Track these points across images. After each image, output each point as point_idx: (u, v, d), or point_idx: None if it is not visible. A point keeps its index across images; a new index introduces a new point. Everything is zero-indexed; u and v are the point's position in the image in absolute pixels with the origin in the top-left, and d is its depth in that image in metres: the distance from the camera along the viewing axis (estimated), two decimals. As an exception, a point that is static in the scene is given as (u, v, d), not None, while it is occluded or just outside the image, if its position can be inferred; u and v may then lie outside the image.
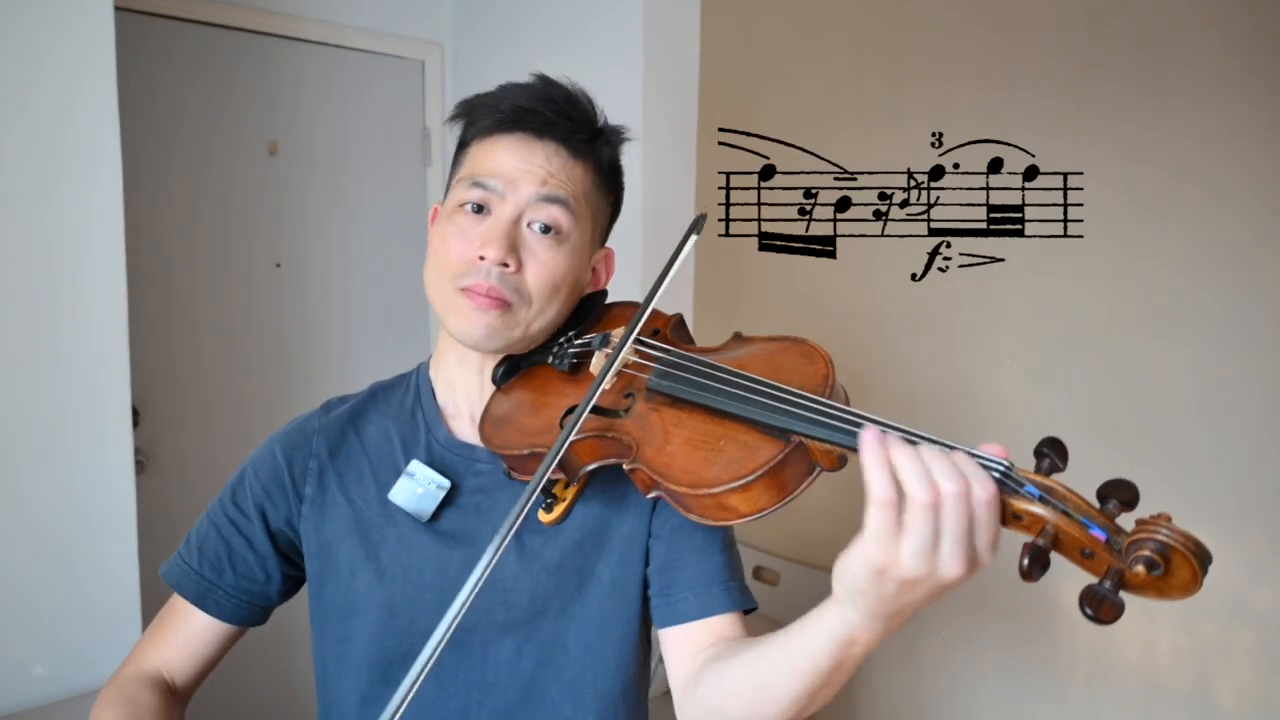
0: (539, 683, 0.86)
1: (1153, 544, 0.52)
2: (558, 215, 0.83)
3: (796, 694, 0.67)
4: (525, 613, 0.85)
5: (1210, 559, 0.52)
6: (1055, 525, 0.55)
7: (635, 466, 0.70)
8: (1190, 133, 1.98)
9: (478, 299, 0.81)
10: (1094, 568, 0.55)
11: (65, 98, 1.63)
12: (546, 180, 0.83)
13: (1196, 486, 1.99)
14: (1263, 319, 1.90)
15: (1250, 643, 1.92)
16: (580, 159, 0.86)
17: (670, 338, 0.85)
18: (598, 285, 0.92)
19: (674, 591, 0.84)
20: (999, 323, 2.33)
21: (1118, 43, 2.08)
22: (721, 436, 0.68)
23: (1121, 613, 0.52)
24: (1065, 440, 0.60)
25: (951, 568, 0.55)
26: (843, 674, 0.66)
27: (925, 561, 0.55)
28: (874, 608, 0.59)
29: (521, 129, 0.83)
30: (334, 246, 2.59)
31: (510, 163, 0.83)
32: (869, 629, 0.61)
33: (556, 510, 0.79)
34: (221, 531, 0.90)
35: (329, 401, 0.96)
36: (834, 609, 0.62)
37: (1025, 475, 0.57)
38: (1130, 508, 0.56)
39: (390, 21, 2.60)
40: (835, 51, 2.66)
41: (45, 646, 1.66)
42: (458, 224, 0.84)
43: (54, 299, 1.65)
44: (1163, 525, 0.53)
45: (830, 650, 0.63)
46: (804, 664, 0.65)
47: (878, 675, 2.60)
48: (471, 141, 0.87)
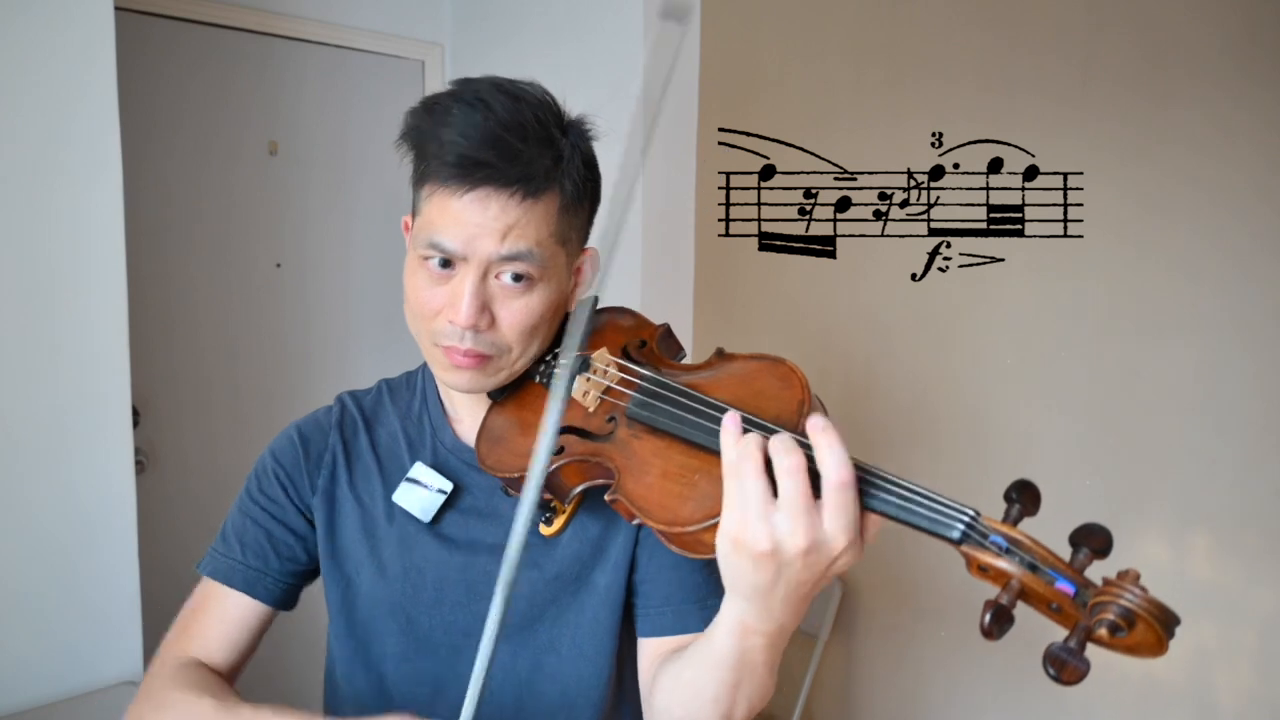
0: (533, 687, 0.87)
1: (1116, 608, 0.51)
2: (524, 267, 0.78)
3: (717, 688, 0.70)
4: (522, 618, 0.86)
5: (1176, 622, 0.51)
6: (1020, 580, 0.54)
7: (616, 498, 0.70)
8: (1190, 133, 1.98)
9: (456, 358, 0.80)
10: (1062, 621, 0.54)
11: (65, 98, 1.64)
12: (505, 235, 0.76)
13: (1195, 486, 1.99)
14: (1263, 319, 1.90)
15: (1250, 643, 1.92)
16: (543, 194, 0.78)
17: (656, 351, 0.84)
18: (581, 285, 0.91)
19: (651, 604, 0.86)
20: (999, 323, 2.33)
21: (1118, 43, 2.08)
22: (696, 470, 0.67)
23: (1085, 674, 0.51)
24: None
25: (795, 540, 0.56)
26: (752, 666, 0.68)
27: (767, 532, 0.57)
28: (747, 589, 0.61)
29: (474, 184, 0.76)
30: (334, 246, 2.59)
31: (464, 221, 0.76)
32: (755, 614, 0.63)
33: (557, 523, 0.79)
34: (258, 520, 0.90)
35: (341, 397, 0.97)
36: (726, 600, 0.65)
37: (991, 525, 0.56)
38: (1103, 556, 0.55)
39: (390, 21, 2.61)
40: (835, 51, 2.66)
41: (45, 646, 1.66)
42: (425, 277, 0.80)
43: (54, 299, 1.65)
44: (1127, 589, 0.52)
45: (731, 641, 0.66)
46: (714, 658, 0.68)
47: (877, 675, 2.60)
48: (423, 182, 0.81)
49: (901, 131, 2.48)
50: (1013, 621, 0.54)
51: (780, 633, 0.65)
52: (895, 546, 2.46)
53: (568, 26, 2.25)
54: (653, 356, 0.83)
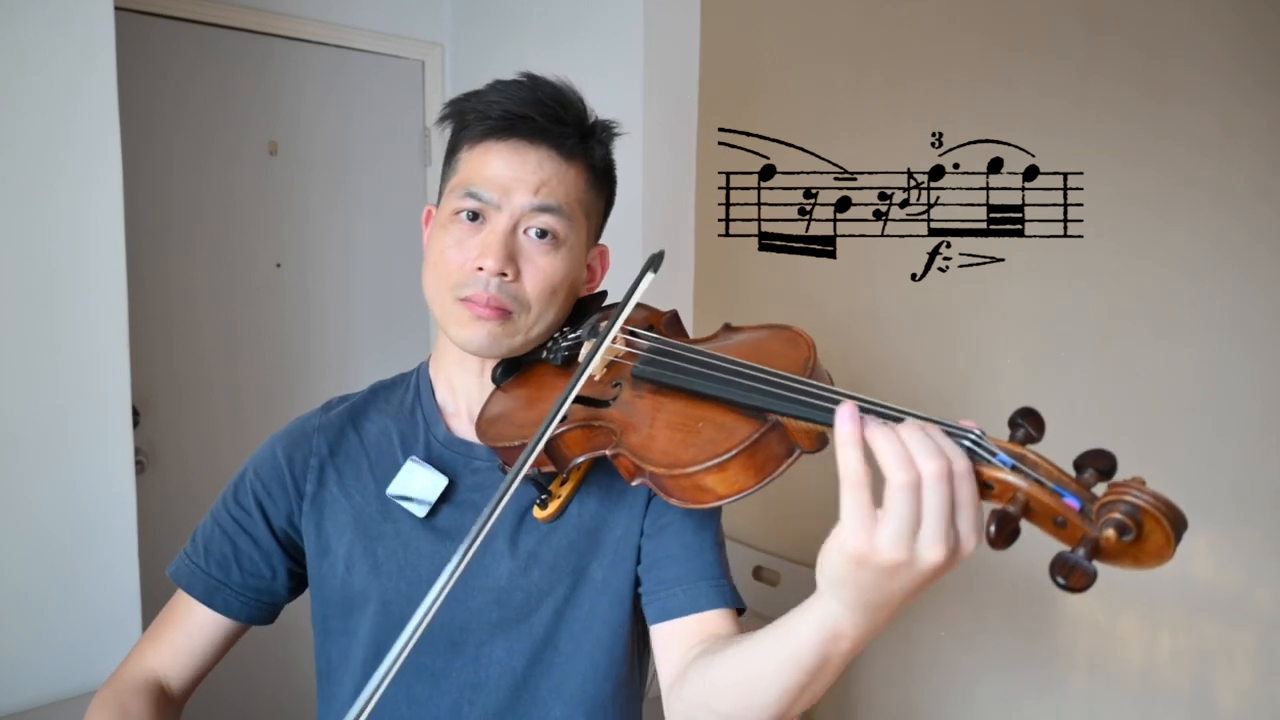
0: (530, 682, 0.86)
1: (1123, 506, 0.50)
2: (553, 222, 0.83)
3: (783, 689, 0.65)
4: (518, 612, 0.86)
5: (1185, 524, 0.50)
6: (1026, 493, 0.53)
7: (618, 452, 0.70)
8: (1191, 133, 1.98)
9: (478, 309, 0.82)
10: (1067, 536, 0.53)
11: (65, 98, 1.63)
12: (540, 188, 0.82)
13: (1196, 486, 1.99)
14: (1263, 319, 1.90)
15: (1250, 643, 1.92)
16: (573, 162, 0.85)
17: (665, 332, 0.86)
18: (593, 282, 0.92)
19: (663, 587, 0.84)
20: (999, 322, 2.33)
21: (1118, 43, 2.08)
22: (701, 419, 0.67)
23: (1092, 580, 0.50)
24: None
25: (933, 553, 0.52)
26: (830, 670, 0.64)
27: (905, 547, 0.52)
28: (855, 598, 0.57)
29: (513, 136, 0.83)
30: (334, 246, 2.59)
31: (503, 171, 0.82)
32: (853, 622, 0.59)
33: (552, 507, 0.79)
34: (226, 530, 0.90)
35: (329, 401, 0.97)
36: (818, 602, 0.61)
37: (998, 444, 0.56)
38: (1107, 477, 0.54)
39: (390, 21, 2.60)
40: (835, 51, 2.66)
41: (45, 646, 1.66)
42: (454, 233, 0.84)
43: (54, 299, 1.65)
44: (1134, 488, 0.51)
45: (816, 645, 0.61)
46: (790, 659, 0.64)
47: (876, 674, 2.60)
48: (462, 147, 0.86)
49: (901, 131, 2.48)
50: (1017, 534, 0.52)
51: (871, 635, 0.61)
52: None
53: (568, 26, 2.25)
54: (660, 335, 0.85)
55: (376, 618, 0.87)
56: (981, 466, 0.54)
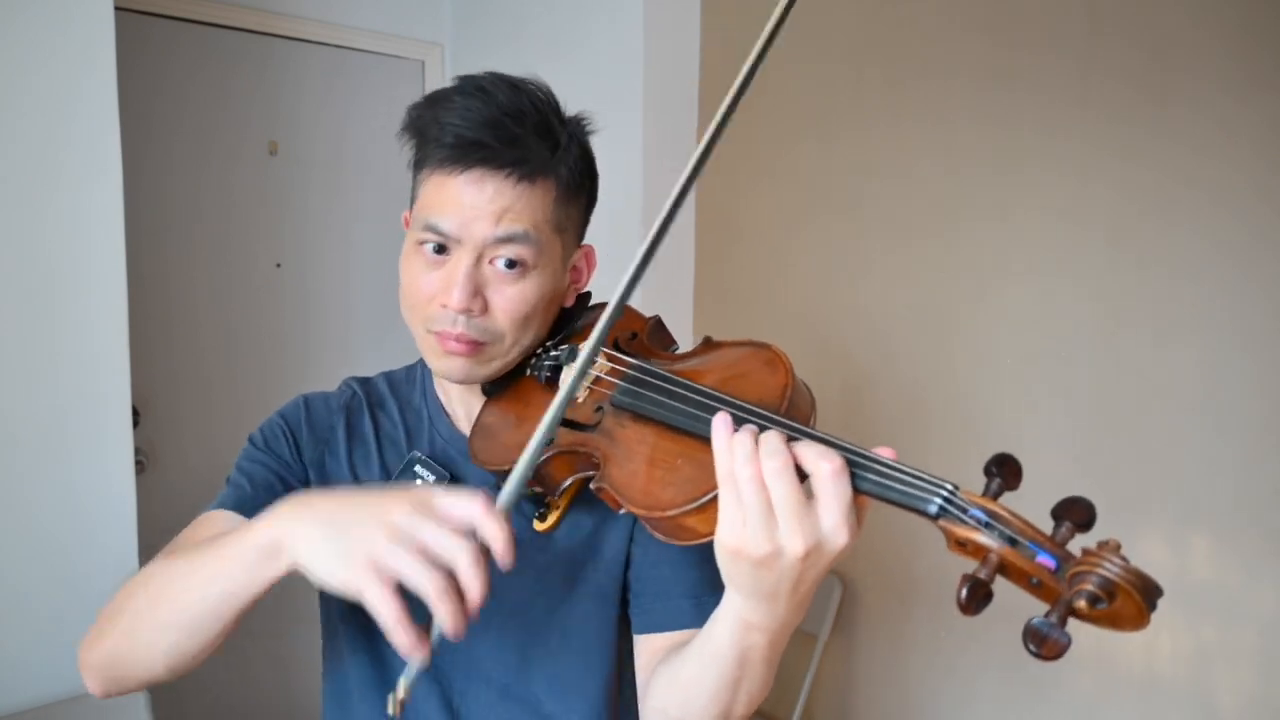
0: (522, 678, 0.87)
1: (1095, 578, 0.50)
2: (519, 250, 0.78)
3: (714, 686, 0.69)
4: (512, 606, 0.86)
5: (1158, 593, 0.50)
6: (999, 555, 0.53)
7: (601, 486, 0.69)
8: (1190, 133, 1.98)
9: (449, 344, 0.80)
10: (1043, 596, 0.53)
11: (65, 98, 1.64)
12: (501, 217, 0.77)
13: (1196, 486, 1.99)
14: (1263, 319, 1.90)
15: (1250, 643, 1.92)
16: (538, 181, 0.78)
17: (647, 342, 0.84)
18: (579, 283, 0.91)
19: (645, 600, 0.86)
20: (998, 323, 2.33)
21: (1118, 43, 2.08)
22: (679, 455, 0.67)
23: (1065, 649, 0.50)
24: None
25: (793, 544, 0.55)
26: (755, 662, 0.67)
27: (767, 539, 0.56)
28: (746, 589, 0.60)
29: (468, 165, 0.76)
30: (334, 246, 2.59)
31: (461, 203, 0.77)
32: (757, 612, 0.62)
33: (550, 519, 0.79)
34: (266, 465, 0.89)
35: (349, 381, 0.98)
36: (726, 597, 0.65)
37: (970, 499, 0.55)
38: (1085, 529, 0.53)
39: (390, 21, 2.61)
40: (835, 51, 2.66)
41: (45, 646, 1.66)
42: (418, 264, 0.81)
43: (54, 299, 1.65)
44: (1106, 558, 0.50)
45: (732, 638, 0.65)
46: (713, 654, 0.68)
47: (877, 675, 2.60)
48: (422, 169, 0.81)
49: (901, 132, 2.48)
50: (990, 598, 0.52)
51: (783, 629, 0.64)
52: (895, 547, 2.46)
53: (568, 26, 2.25)
54: (643, 348, 0.83)
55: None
56: (954, 525, 0.54)
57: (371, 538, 0.59)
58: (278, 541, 0.64)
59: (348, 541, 0.59)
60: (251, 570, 0.65)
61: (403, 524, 0.59)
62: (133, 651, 0.72)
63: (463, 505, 0.60)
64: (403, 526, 0.59)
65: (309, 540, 0.62)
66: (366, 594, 0.57)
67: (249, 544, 0.65)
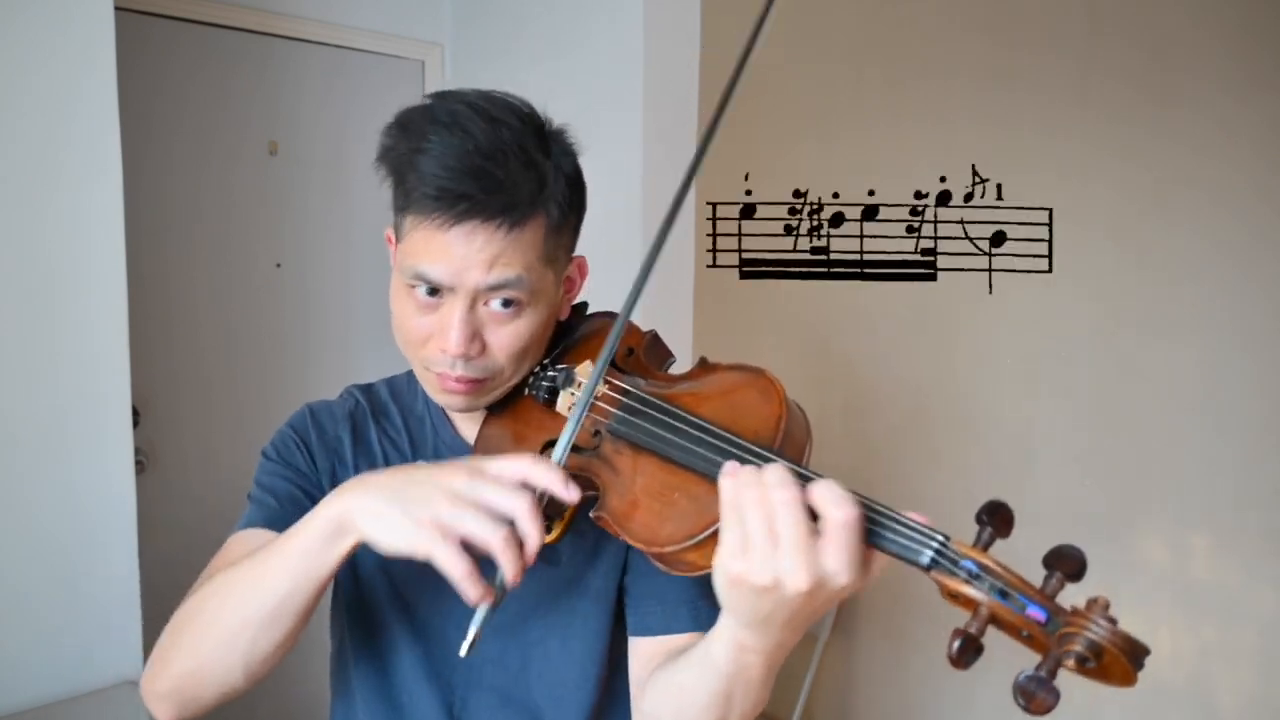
0: (522, 684, 0.87)
1: (1082, 640, 0.51)
2: (513, 293, 0.77)
3: (709, 698, 0.70)
4: (513, 615, 0.86)
5: (1145, 654, 0.51)
6: (989, 608, 0.54)
7: (600, 515, 0.70)
8: (1190, 133, 1.98)
9: (449, 384, 0.80)
10: (1034, 647, 0.54)
11: (65, 98, 1.64)
12: (493, 265, 0.75)
13: (1196, 486, 1.99)
14: (1263, 319, 1.90)
15: (1250, 643, 1.92)
16: (528, 223, 0.76)
17: (643, 359, 0.84)
18: (572, 293, 0.90)
19: (642, 603, 0.86)
20: (999, 324, 2.33)
21: (1118, 43, 2.08)
22: (676, 488, 0.67)
23: (1054, 705, 0.51)
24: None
25: (794, 580, 0.55)
26: (748, 682, 0.68)
27: (768, 572, 0.56)
28: (743, 615, 0.61)
29: (455, 220, 0.73)
30: (334, 246, 2.59)
31: (450, 254, 0.74)
32: (753, 637, 0.63)
33: (556, 530, 0.79)
34: (286, 477, 0.89)
35: (351, 390, 0.97)
36: (722, 618, 0.66)
37: (962, 550, 0.55)
38: (1075, 579, 0.54)
39: (390, 22, 2.60)
40: (835, 51, 2.66)
41: (45, 646, 1.66)
42: (410, 304, 0.79)
43: (54, 299, 1.65)
44: (1094, 620, 0.51)
45: (727, 656, 0.66)
46: (709, 670, 0.69)
47: (877, 675, 2.60)
48: (407, 212, 0.78)
49: (901, 132, 2.48)
50: (981, 651, 0.53)
51: (779, 650, 0.65)
52: (895, 546, 2.46)
53: (568, 26, 2.24)
54: (639, 365, 0.83)
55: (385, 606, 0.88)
56: (946, 577, 0.55)
57: (434, 500, 0.63)
58: (343, 517, 0.67)
59: (412, 506, 0.64)
60: (322, 550, 0.68)
61: (462, 487, 0.64)
62: (208, 664, 0.72)
63: (513, 463, 0.66)
64: (462, 489, 0.64)
65: (374, 512, 0.65)
66: (436, 553, 0.62)
67: (314, 526, 0.68)
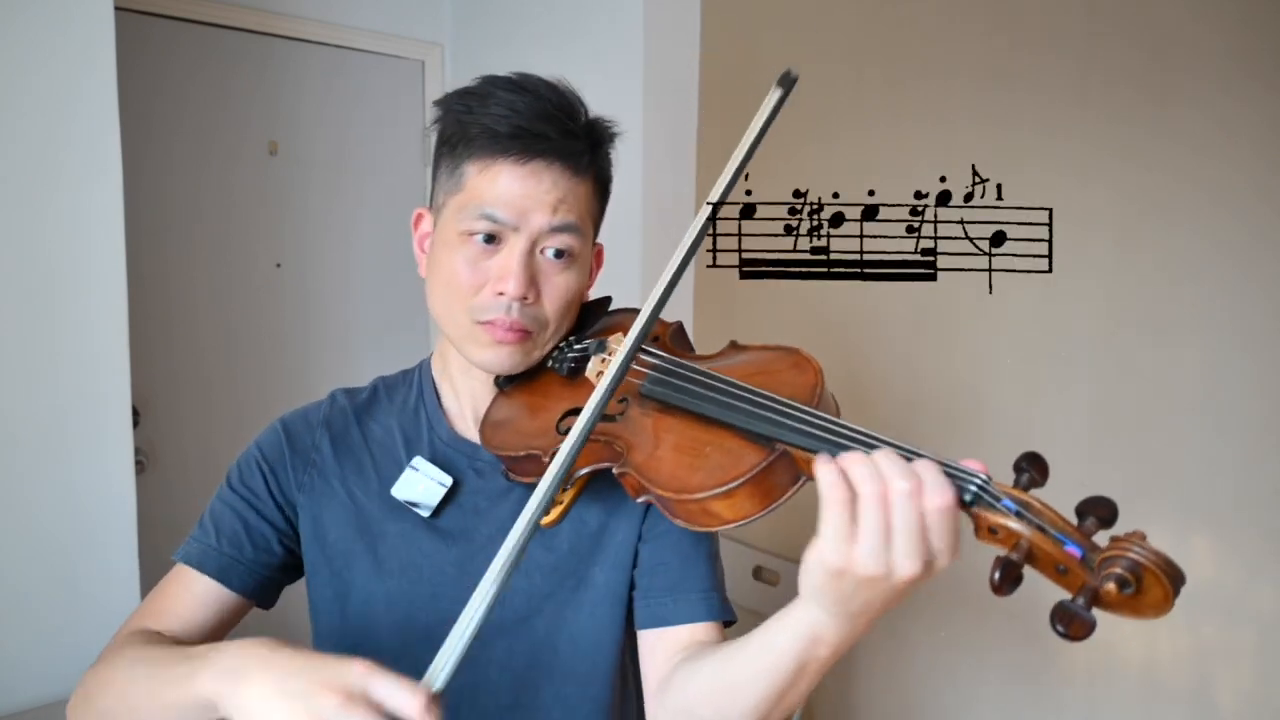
0: (529, 684, 0.86)
1: (1125, 562, 0.52)
2: (570, 240, 0.81)
3: (763, 695, 0.68)
4: (518, 613, 0.86)
5: (1183, 579, 0.52)
6: (1030, 540, 0.55)
7: (625, 470, 0.70)
8: (1190, 133, 1.98)
9: (500, 333, 0.81)
10: (1068, 584, 0.55)
11: (65, 98, 1.63)
12: (557, 207, 0.79)
13: (1196, 486, 1.99)
14: (1263, 319, 1.90)
15: (1250, 643, 1.92)
16: (583, 176, 0.82)
17: (670, 345, 0.85)
18: (592, 276, 0.92)
19: (654, 594, 0.85)
20: (999, 324, 2.33)
21: (1118, 43, 2.08)
22: (708, 443, 0.68)
23: (1092, 630, 0.52)
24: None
25: (906, 567, 0.55)
26: (808, 676, 0.66)
27: (879, 560, 0.55)
28: (836, 606, 0.60)
29: (527, 155, 0.78)
30: (334, 246, 2.59)
31: (519, 192, 0.78)
32: (833, 628, 0.61)
33: (554, 512, 0.79)
34: (235, 509, 0.89)
35: (334, 393, 0.97)
36: (800, 607, 0.63)
37: (1002, 489, 0.57)
38: (1108, 525, 0.56)
39: (390, 21, 2.61)
40: (835, 51, 2.66)
41: (45, 646, 1.66)
42: (466, 254, 0.81)
43: (54, 299, 1.65)
44: (1136, 543, 0.52)
45: (796, 649, 0.64)
46: (770, 663, 0.66)
47: (876, 676, 2.60)
48: (467, 161, 0.81)
49: (901, 132, 2.48)
50: (1020, 581, 0.54)
51: (849, 642, 0.63)
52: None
53: (568, 26, 2.24)
54: (666, 349, 0.84)
55: (376, 615, 0.87)
56: (986, 512, 0.56)
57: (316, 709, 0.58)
58: (214, 701, 0.64)
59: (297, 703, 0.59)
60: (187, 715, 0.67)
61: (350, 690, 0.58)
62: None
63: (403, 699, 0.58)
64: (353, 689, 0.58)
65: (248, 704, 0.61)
66: None
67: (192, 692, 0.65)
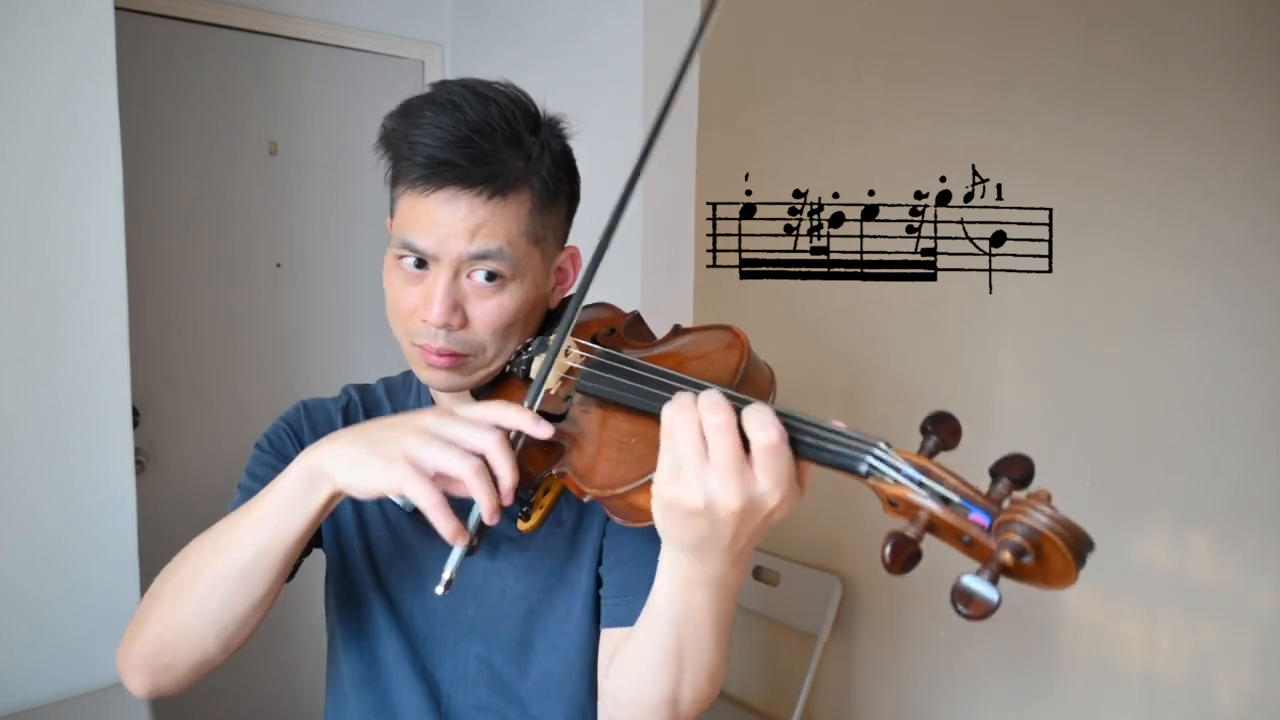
0: (507, 681, 0.88)
1: (1020, 528, 0.47)
2: (495, 265, 0.78)
3: (660, 657, 0.69)
4: (494, 611, 0.87)
5: (1088, 545, 0.47)
6: (929, 512, 0.51)
7: (564, 471, 0.69)
8: (1190, 133, 1.98)
9: (430, 357, 0.81)
10: (976, 555, 0.51)
11: (65, 98, 1.64)
12: (475, 234, 0.77)
13: (1196, 486, 1.99)
14: (1263, 318, 1.90)
15: (1250, 643, 1.92)
16: (512, 194, 0.78)
17: (623, 336, 0.85)
18: (565, 285, 0.91)
19: (609, 594, 0.86)
20: (998, 323, 2.33)
21: (1117, 43, 2.08)
22: (634, 435, 0.67)
23: (993, 609, 0.47)
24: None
25: (725, 499, 0.56)
26: (697, 627, 0.67)
27: (697, 492, 0.57)
28: (683, 542, 0.61)
29: (440, 185, 0.76)
30: (334, 246, 2.59)
31: (434, 222, 0.76)
32: (695, 566, 0.63)
33: (534, 518, 0.79)
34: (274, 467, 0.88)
35: (346, 388, 0.98)
36: (663, 553, 0.66)
37: (903, 456, 0.53)
38: (1022, 485, 0.51)
39: (390, 21, 2.61)
40: (835, 52, 2.66)
41: (45, 646, 1.66)
42: (399, 277, 0.81)
43: (54, 299, 1.65)
44: (1034, 507, 0.47)
45: (673, 596, 0.66)
46: (655, 620, 0.68)
47: (877, 675, 2.60)
48: (396, 183, 0.81)
49: (901, 133, 2.48)
50: (919, 557, 0.50)
51: (722, 585, 0.65)
52: (895, 546, 2.46)
53: (568, 26, 2.24)
54: (619, 341, 0.83)
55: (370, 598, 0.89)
56: (882, 483, 0.53)
57: (404, 439, 0.66)
58: (316, 467, 0.69)
59: (382, 446, 0.66)
60: (296, 503, 0.69)
61: (431, 425, 0.67)
62: (179, 627, 0.74)
63: (483, 406, 0.68)
64: (432, 427, 0.66)
65: (347, 457, 0.68)
66: (408, 488, 0.64)
67: (289, 478, 0.69)
